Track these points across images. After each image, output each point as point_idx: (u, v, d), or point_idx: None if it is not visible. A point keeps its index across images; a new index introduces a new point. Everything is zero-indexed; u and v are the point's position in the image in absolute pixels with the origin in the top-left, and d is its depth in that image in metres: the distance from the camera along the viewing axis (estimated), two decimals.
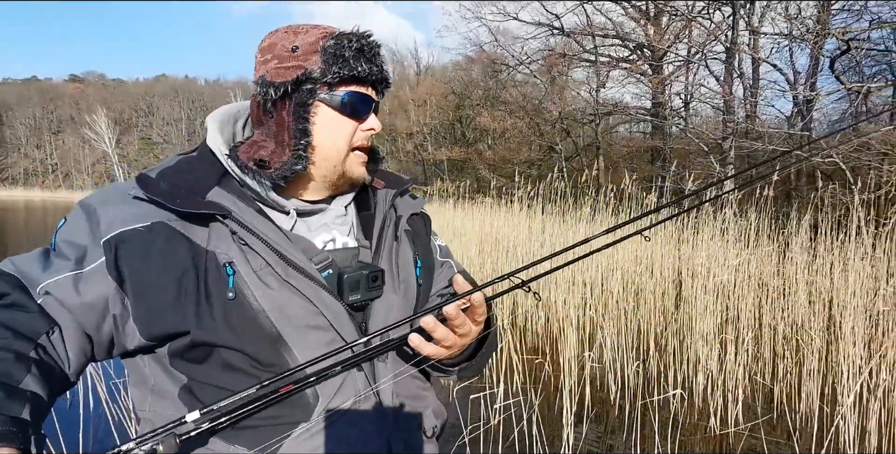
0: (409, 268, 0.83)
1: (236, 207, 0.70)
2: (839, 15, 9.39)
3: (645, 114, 13.55)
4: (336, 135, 0.75)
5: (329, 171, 0.76)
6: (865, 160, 7.04)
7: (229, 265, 0.67)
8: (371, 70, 0.74)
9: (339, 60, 0.72)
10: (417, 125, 21.26)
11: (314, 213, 0.80)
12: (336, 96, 0.73)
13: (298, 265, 0.70)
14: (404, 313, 0.80)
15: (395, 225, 0.85)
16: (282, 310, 0.68)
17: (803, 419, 2.92)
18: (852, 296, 3.36)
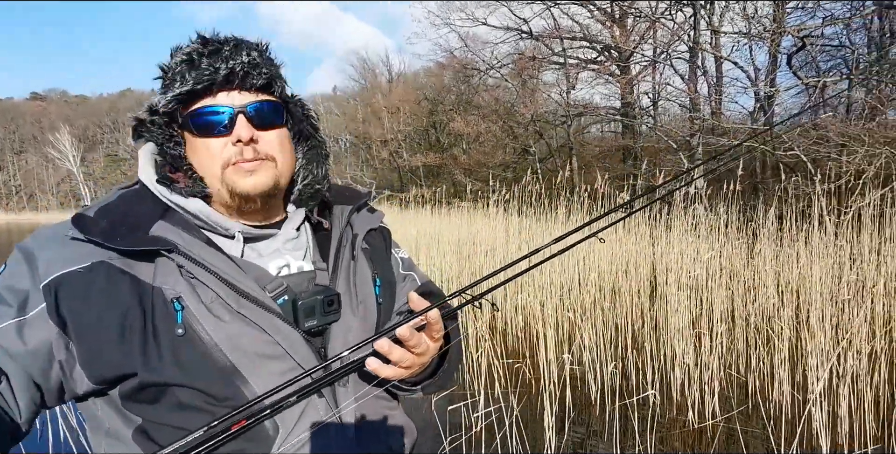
0: (368, 288, 0.81)
1: (182, 240, 0.68)
2: (794, 13, 9.74)
3: (615, 114, 13.79)
4: (203, 158, 0.72)
5: (217, 194, 0.73)
6: (825, 152, 7.28)
7: (177, 300, 0.65)
8: (211, 74, 0.68)
9: (175, 79, 0.69)
10: (392, 132, 21.23)
11: (263, 239, 0.77)
12: (185, 119, 0.71)
13: (251, 295, 0.68)
14: (364, 334, 0.78)
15: (352, 243, 0.83)
16: (235, 342, 0.66)
17: (777, 408, 2.99)
18: (817, 284, 3.46)
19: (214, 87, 0.68)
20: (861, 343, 2.87)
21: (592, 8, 13.24)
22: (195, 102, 0.69)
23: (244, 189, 0.71)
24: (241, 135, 0.70)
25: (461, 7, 14.93)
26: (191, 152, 0.72)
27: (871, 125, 7.12)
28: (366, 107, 23.85)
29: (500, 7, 14.07)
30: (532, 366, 3.66)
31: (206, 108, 0.69)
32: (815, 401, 2.54)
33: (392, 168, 21.67)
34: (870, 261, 3.95)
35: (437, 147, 20.14)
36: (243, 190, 0.71)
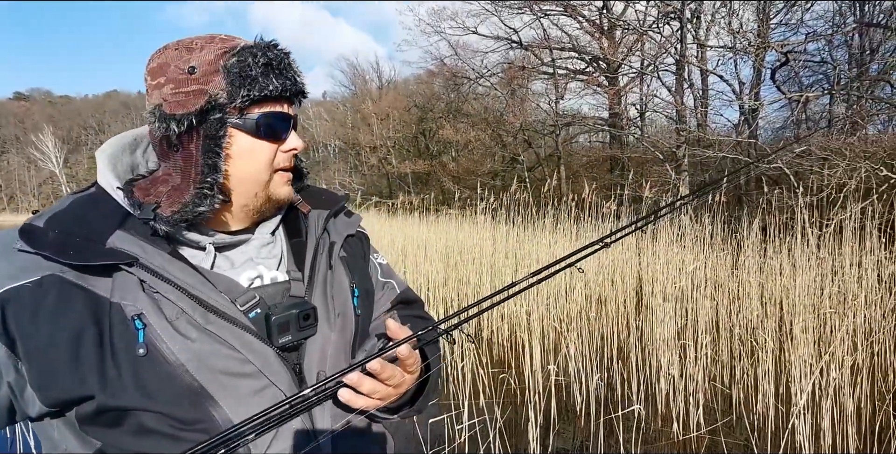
0: (346, 299, 0.78)
1: (143, 252, 0.63)
2: (777, 29, 9.97)
3: (603, 124, 13.93)
4: (255, 162, 0.68)
5: (251, 199, 0.70)
6: (807, 165, 7.41)
7: (138, 318, 0.60)
8: (284, 85, 0.67)
9: (247, 81, 0.64)
10: (381, 139, 21.22)
11: (236, 246, 0.73)
12: (250, 120, 0.66)
13: (220, 310, 0.64)
14: (342, 349, 0.75)
15: (329, 252, 0.79)
16: (203, 361, 0.62)
17: (761, 419, 2.99)
18: (800, 296, 3.49)
19: (285, 95, 0.69)
20: (843, 355, 2.89)
21: (581, 19, 13.43)
22: (262, 104, 0.67)
23: (284, 196, 0.73)
24: (298, 144, 0.72)
25: (452, 16, 15.03)
26: (238, 155, 0.67)
27: (852, 140, 7.27)
28: (355, 113, 23.84)
29: (491, 17, 14.21)
30: (517, 377, 3.63)
31: (277, 114, 0.68)
32: (799, 414, 2.54)
33: (381, 174, 21.63)
34: (851, 274, 4.00)
35: (426, 154, 20.16)
36: (283, 197, 0.73)
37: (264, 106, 0.68)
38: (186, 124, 0.63)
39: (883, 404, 2.93)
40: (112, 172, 0.68)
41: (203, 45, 0.66)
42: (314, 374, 0.70)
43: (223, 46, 0.65)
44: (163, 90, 0.65)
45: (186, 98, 0.64)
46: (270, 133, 0.68)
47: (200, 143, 0.65)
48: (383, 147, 21.28)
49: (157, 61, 0.66)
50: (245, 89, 0.64)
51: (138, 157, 0.74)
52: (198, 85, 0.64)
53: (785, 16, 9.99)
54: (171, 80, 0.64)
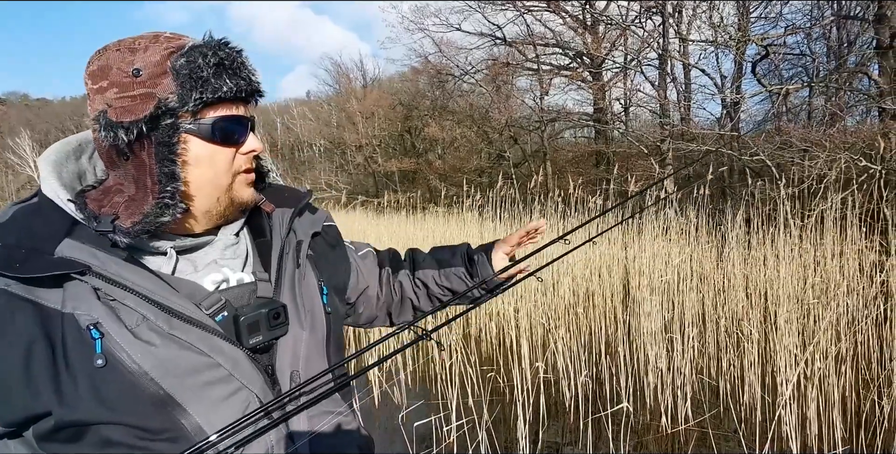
0: (315, 298, 0.76)
1: (96, 259, 0.59)
2: (757, 22, 10.06)
3: (588, 119, 13.98)
4: (214, 168, 0.66)
5: (213, 204, 0.68)
6: (788, 157, 7.50)
7: (94, 327, 0.57)
8: (238, 85, 0.64)
9: (199, 82, 0.60)
10: (366, 137, 21.09)
11: (199, 248, 0.70)
12: (204, 125, 0.63)
13: (184, 314, 0.61)
14: (314, 348, 0.72)
15: (297, 251, 0.77)
16: (168, 367, 0.59)
17: (748, 410, 3.01)
18: (784, 287, 3.52)
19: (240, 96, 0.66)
20: (828, 345, 2.91)
21: (564, 15, 13.44)
22: (214, 107, 0.64)
23: (247, 199, 0.71)
24: (256, 146, 0.70)
25: (435, 12, 14.94)
26: (195, 161, 0.64)
27: (832, 131, 7.36)
28: (340, 112, 23.66)
29: (474, 13, 14.16)
30: (506, 374, 3.61)
31: (232, 117, 0.65)
32: (785, 404, 2.56)
33: (367, 173, 21.50)
34: (833, 264, 4.04)
35: (412, 152, 20.07)
36: (247, 200, 0.71)
37: (218, 108, 0.64)
38: (136, 132, 0.59)
39: (868, 392, 2.96)
40: (57, 180, 0.64)
41: (147, 45, 0.61)
42: (287, 375, 0.68)
43: (169, 46, 0.61)
44: (106, 95, 0.60)
45: (133, 103, 0.59)
46: (227, 137, 0.66)
47: (153, 150, 0.61)
48: (369, 145, 21.15)
49: (97, 63, 0.62)
50: (197, 92, 0.61)
51: (84, 163, 0.70)
52: (144, 88, 0.60)
53: (765, 9, 10.09)
54: (115, 84, 0.60)
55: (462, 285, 1.03)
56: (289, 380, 0.68)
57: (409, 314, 1.06)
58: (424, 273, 1.03)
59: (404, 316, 1.06)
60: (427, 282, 1.03)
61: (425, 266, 1.04)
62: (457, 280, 1.03)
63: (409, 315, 1.06)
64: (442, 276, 1.03)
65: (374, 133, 21.14)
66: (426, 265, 1.04)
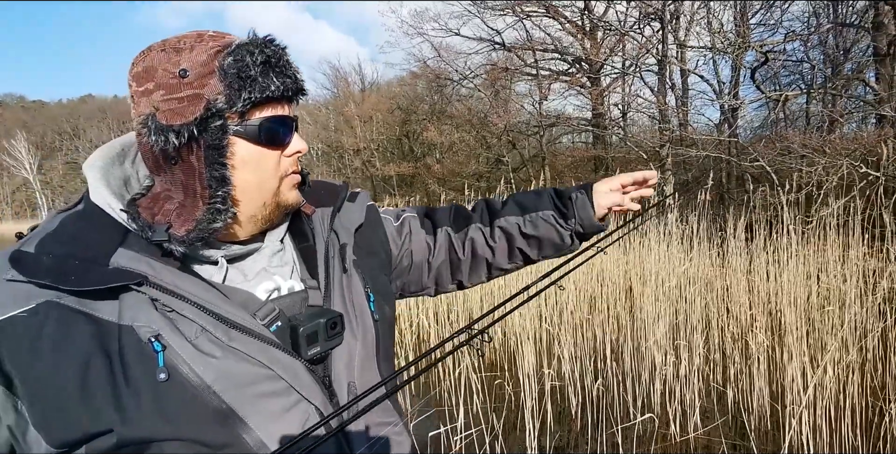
0: (363, 305, 0.74)
1: (151, 269, 0.58)
2: (757, 29, 10.13)
3: (586, 124, 14.01)
4: (261, 170, 0.64)
5: (259, 209, 0.66)
6: (789, 163, 7.53)
7: (156, 340, 0.55)
8: (285, 84, 0.62)
9: (247, 82, 0.58)
10: (364, 141, 21.08)
11: (247, 256, 0.68)
12: (251, 126, 0.61)
13: (242, 325, 0.59)
14: (365, 357, 0.71)
15: (342, 255, 0.75)
16: (230, 380, 0.57)
17: (757, 419, 2.99)
18: (789, 294, 3.51)
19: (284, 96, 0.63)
20: (836, 353, 2.90)
21: (563, 20, 13.50)
22: (261, 108, 0.61)
23: (294, 201, 0.69)
24: (301, 147, 0.68)
25: (434, 17, 15.00)
26: (242, 164, 0.62)
27: (832, 137, 7.40)
28: (338, 115, 23.64)
29: (474, 18, 14.20)
30: (510, 378, 3.58)
31: (279, 118, 0.63)
32: (795, 413, 2.54)
33: (365, 177, 21.47)
34: (837, 271, 4.03)
35: (411, 156, 20.06)
36: (293, 202, 0.69)
37: (265, 109, 0.62)
38: (187, 135, 0.57)
39: (877, 400, 2.94)
40: (107, 188, 0.62)
41: (192, 44, 0.59)
42: (344, 386, 0.67)
43: (215, 45, 0.59)
44: (153, 97, 0.58)
45: (181, 105, 0.57)
46: (273, 139, 0.63)
47: (202, 154, 0.59)
48: (367, 149, 21.14)
49: (142, 65, 0.59)
50: (245, 92, 0.59)
51: (128, 168, 0.68)
52: (192, 89, 0.58)
53: (764, 16, 10.17)
54: (162, 86, 0.58)
55: (552, 232, 0.91)
56: (346, 392, 0.67)
57: (483, 274, 0.95)
58: (507, 220, 0.92)
59: (475, 277, 0.95)
60: (510, 230, 0.91)
61: (507, 213, 0.92)
62: (545, 226, 0.91)
63: (483, 276, 0.95)
64: (527, 223, 0.91)
65: (372, 137, 21.14)
66: (508, 212, 0.92)
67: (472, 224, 0.93)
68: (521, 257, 0.94)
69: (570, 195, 0.93)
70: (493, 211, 0.94)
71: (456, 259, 0.93)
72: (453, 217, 0.94)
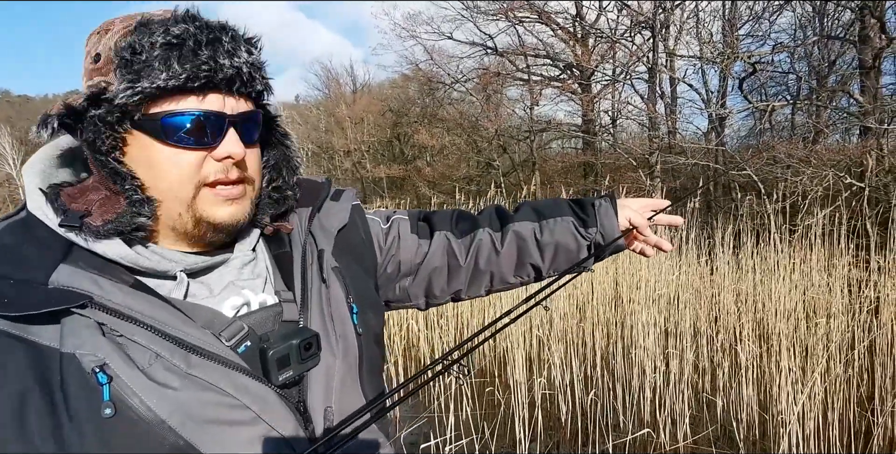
0: (345, 317, 0.67)
1: (98, 287, 0.52)
2: (745, 40, 10.29)
3: (576, 130, 14.09)
4: (169, 173, 0.55)
5: (175, 220, 0.57)
6: (775, 173, 7.63)
7: (101, 370, 0.49)
8: (195, 71, 0.52)
9: (135, 67, 0.51)
10: (355, 143, 20.98)
11: (213, 268, 0.61)
12: (151, 120, 0.53)
13: (202, 348, 0.53)
14: (347, 375, 0.64)
15: (320, 262, 0.67)
16: (187, 413, 0.51)
17: (746, 428, 3.00)
18: (776, 302, 3.54)
19: (209, 85, 0.54)
20: (826, 364, 2.92)
21: (555, 27, 13.58)
22: (171, 98, 0.53)
23: (220, 220, 0.59)
24: (234, 151, 0.57)
25: (427, 20, 15.00)
26: (143, 164, 0.55)
27: (817, 148, 7.52)
28: (329, 116, 23.52)
29: (466, 22, 14.24)
30: (500, 386, 3.56)
31: (193, 112, 0.54)
32: (784, 423, 2.55)
33: (355, 179, 21.36)
34: (822, 280, 4.08)
35: (401, 159, 20.01)
36: (219, 220, 0.59)
37: (175, 100, 0.54)
38: (56, 125, 0.54)
39: (864, 410, 2.97)
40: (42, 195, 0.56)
41: (116, 25, 0.54)
42: (321, 412, 0.61)
43: (129, 24, 0.53)
44: (82, 84, 0.55)
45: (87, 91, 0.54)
46: (181, 137, 0.54)
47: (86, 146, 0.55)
48: (357, 151, 21.04)
49: (85, 49, 0.56)
50: (130, 80, 0.51)
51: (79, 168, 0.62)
52: (99, 76, 0.53)
53: (752, 27, 10.33)
54: (84, 72, 0.55)
55: (570, 241, 0.83)
56: (322, 418, 0.61)
57: (484, 286, 0.86)
58: (521, 225, 0.83)
59: (475, 289, 0.86)
60: (524, 235, 0.83)
61: (521, 218, 0.84)
62: (563, 233, 0.82)
63: (483, 288, 0.86)
64: (544, 230, 0.83)
65: (363, 139, 21.04)
66: (522, 217, 0.85)
67: (479, 228, 0.85)
68: (529, 270, 0.87)
69: (592, 202, 0.86)
70: (504, 216, 0.87)
71: (456, 265, 0.84)
72: (456, 221, 0.86)
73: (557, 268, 0.87)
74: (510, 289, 0.90)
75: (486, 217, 0.87)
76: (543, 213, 0.85)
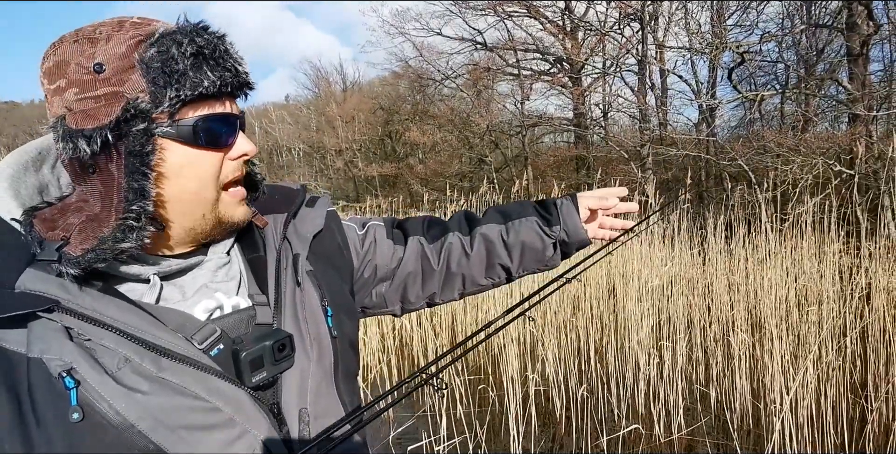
0: (319, 321, 0.67)
1: (65, 292, 0.51)
2: (733, 30, 10.29)
3: (568, 124, 14.08)
4: (197, 178, 0.57)
5: (198, 222, 0.59)
6: (765, 162, 7.65)
7: (67, 375, 0.48)
8: (223, 78, 0.55)
9: (174, 77, 0.51)
10: (346, 141, 20.90)
11: (187, 271, 0.61)
12: (184, 126, 0.54)
13: (173, 351, 0.53)
14: (321, 378, 0.64)
15: (294, 265, 0.68)
16: (159, 417, 0.51)
17: (740, 418, 2.99)
18: (768, 292, 3.53)
19: (222, 91, 0.56)
20: (817, 351, 2.92)
21: (544, 21, 13.55)
22: (199, 105, 0.55)
23: (238, 219, 0.62)
24: (247, 148, 0.61)
25: (416, 17, 14.92)
26: (173, 170, 0.55)
27: (807, 136, 7.53)
28: (319, 116, 23.42)
29: (455, 18, 14.17)
30: (494, 382, 3.54)
31: (219, 116, 0.57)
32: (777, 412, 2.54)
33: (347, 178, 21.30)
34: (813, 268, 4.08)
35: (393, 156, 19.96)
36: (237, 220, 0.62)
37: (200, 106, 0.55)
38: (100, 141, 0.50)
39: (857, 398, 2.97)
40: (15, 199, 0.55)
41: (110, 33, 0.52)
42: (295, 413, 0.61)
43: (136, 34, 0.52)
44: (65, 96, 0.52)
45: (97, 105, 0.51)
46: (213, 140, 0.57)
47: (123, 162, 0.52)
48: (349, 150, 20.97)
49: (52, 59, 0.53)
50: (172, 89, 0.52)
51: (46, 174, 0.60)
52: (109, 87, 0.51)
53: (740, 17, 10.33)
54: (75, 83, 0.51)
55: (536, 240, 0.86)
56: (297, 420, 0.61)
57: (457, 289, 0.89)
58: (488, 228, 0.87)
59: (448, 292, 0.89)
60: (491, 238, 0.86)
61: (487, 220, 0.88)
62: (528, 233, 0.86)
63: (457, 291, 0.89)
64: (510, 231, 0.86)
65: (355, 137, 20.97)
66: (488, 220, 0.88)
67: (449, 233, 0.88)
68: (499, 271, 0.89)
69: (554, 202, 0.90)
70: (472, 220, 0.90)
71: (429, 269, 0.87)
72: (427, 227, 0.90)
73: (526, 268, 0.90)
74: (482, 290, 0.93)
75: (456, 222, 0.91)
76: (509, 215, 0.89)
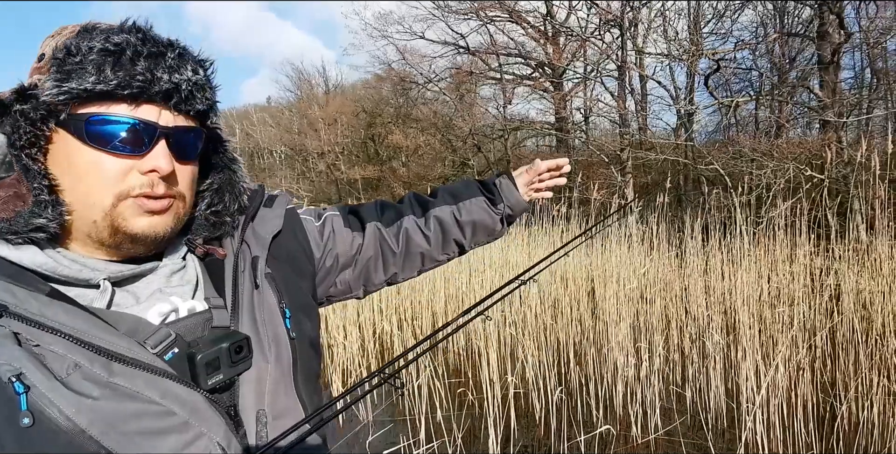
0: (277, 322, 0.67)
1: (12, 296, 0.50)
2: (709, 37, 10.52)
3: (549, 128, 14.21)
4: (89, 178, 0.55)
5: (90, 228, 0.56)
6: (740, 166, 7.82)
7: (17, 380, 0.47)
8: (129, 81, 0.53)
9: (76, 69, 0.52)
10: (329, 144, 20.77)
11: (140, 277, 0.60)
12: (77, 121, 0.53)
13: (124, 356, 0.52)
14: (280, 379, 0.64)
15: (253, 268, 0.68)
16: (110, 421, 0.50)
17: (714, 418, 3.04)
18: (742, 293, 3.60)
19: (143, 96, 0.55)
20: (787, 352, 2.98)
21: (526, 26, 13.67)
22: (102, 103, 0.54)
23: (137, 230, 0.57)
24: (161, 165, 0.56)
25: (398, 20, 14.96)
26: (63, 165, 0.54)
27: (779, 142, 7.72)
28: (301, 118, 23.24)
29: (438, 22, 14.22)
30: (474, 385, 3.54)
31: (122, 118, 0.54)
32: (749, 411, 2.58)
33: (329, 181, 21.15)
34: (785, 270, 4.18)
35: (376, 160, 19.90)
36: (136, 231, 0.57)
37: (108, 105, 0.54)
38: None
39: (827, 397, 3.04)
40: None
41: (70, 28, 0.56)
42: (253, 415, 0.60)
43: (76, 29, 0.56)
44: None
45: None
46: (100, 140, 0.54)
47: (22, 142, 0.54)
48: (331, 153, 20.84)
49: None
50: (73, 81, 0.52)
51: None
52: (38, 74, 0.54)
53: (716, 25, 10.57)
54: (31, 71, 0.56)
55: (486, 218, 0.95)
56: (255, 422, 0.60)
57: (416, 267, 0.95)
58: (441, 210, 0.93)
59: (409, 271, 0.94)
60: (445, 218, 0.93)
61: (439, 203, 0.94)
62: (478, 211, 0.95)
63: (416, 269, 0.95)
64: (462, 211, 0.94)
65: (337, 140, 20.85)
66: (440, 202, 0.95)
67: (404, 216, 0.93)
68: (454, 247, 0.97)
69: (493, 182, 0.99)
70: (424, 202, 0.96)
71: (389, 252, 0.91)
72: (381, 212, 0.93)
73: (478, 242, 0.99)
74: (439, 265, 0.99)
75: (408, 204, 0.96)
76: (458, 195, 0.96)
